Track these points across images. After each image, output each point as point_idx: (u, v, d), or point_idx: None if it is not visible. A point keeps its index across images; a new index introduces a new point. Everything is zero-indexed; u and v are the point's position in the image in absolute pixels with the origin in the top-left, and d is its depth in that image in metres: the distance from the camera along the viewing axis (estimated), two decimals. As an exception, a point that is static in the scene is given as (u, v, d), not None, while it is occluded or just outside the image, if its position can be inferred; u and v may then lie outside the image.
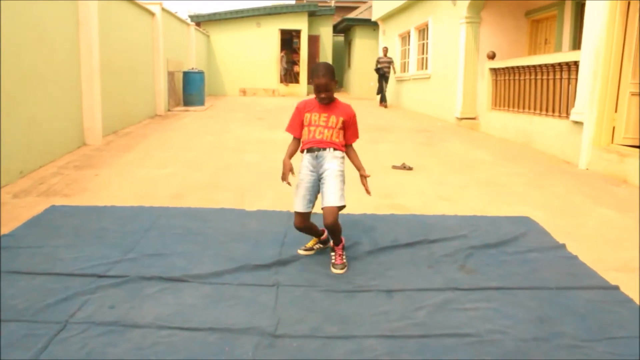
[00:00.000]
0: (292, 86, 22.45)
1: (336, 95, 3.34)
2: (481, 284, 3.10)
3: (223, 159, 6.81)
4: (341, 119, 3.25)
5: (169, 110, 12.81)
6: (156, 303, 2.76)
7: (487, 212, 4.59)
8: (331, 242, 3.32)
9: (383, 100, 16.68)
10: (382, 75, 16.68)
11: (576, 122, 7.06)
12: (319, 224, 3.39)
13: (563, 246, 3.74)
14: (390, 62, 16.62)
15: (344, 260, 3.27)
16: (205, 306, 2.75)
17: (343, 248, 3.31)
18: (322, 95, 3.15)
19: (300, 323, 2.58)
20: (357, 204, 4.67)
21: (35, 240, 3.60)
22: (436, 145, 8.49)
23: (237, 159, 6.79)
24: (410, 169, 6.36)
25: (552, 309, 2.81)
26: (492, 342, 2.46)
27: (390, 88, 17.55)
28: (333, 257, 3.27)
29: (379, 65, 16.66)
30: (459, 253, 3.55)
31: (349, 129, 3.32)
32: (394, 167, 6.43)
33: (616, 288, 3.06)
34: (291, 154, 3.35)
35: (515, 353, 2.37)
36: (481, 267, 3.35)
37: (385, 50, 16.82)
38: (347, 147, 3.37)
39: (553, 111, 7.91)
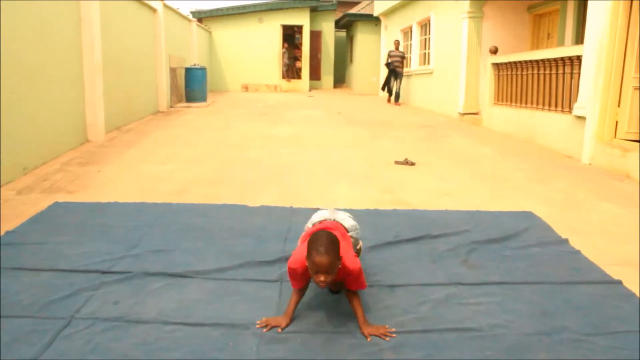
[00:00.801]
0: (294, 82, 22.44)
1: (337, 90, 3.20)
2: (484, 278, 3.10)
3: (225, 155, 6.82)
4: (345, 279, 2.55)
5: (171, 106, 12.82)
6: (160, 299, 2.78)
7: (489, 207, 4.59)
8: None
9: (395, 97, 15.61)
10: (393, 71, 15.63)
11: (579, 117, 7.04)
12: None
13: (566, 241, 3.74)
14: (403, 57, 15.60)
15: None
16: (209, 302, 2.76)
17: None
18: (322, 279, 2.27)
19: (304, 318, 2.59)
20: (359, 200, 4.68)
21: (39, 236, 3.61)
22: (439, 141, 8.48)
23: (240, 155, 6.80)
24: (412, 164, 6.36)
25: (554, 303, 2.81)
26: (494, 336, 2.46)
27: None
28: None
29: (389, 60, 15.63)
30: (461, 248, 3.55)
31: (351, 282, 2.51)
32: (397, 162, 6.44)
33: (619, 282, 3.07)
34: (295, 304, 2.58)
35: (518, 347, 2.38)
36: (484, 262, 3.36)
37: (397, 43, 16.00)
38: (347, 292, 2.57)
39: (556, 106, 7.90)
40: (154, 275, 3.04)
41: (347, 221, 2.91)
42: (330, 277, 2.27)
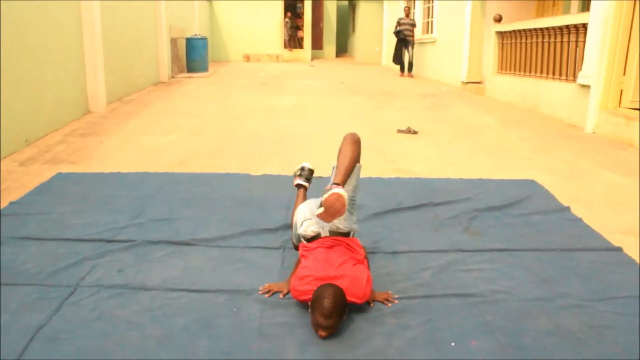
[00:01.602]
0: (296, 52, 22.23)
1: (340, 59, 3.13)
2: (485, 245, 3.12)
3: (228, 125, 6.80)
4: None
5: (172, 77, 12.74)
6: (164, 266, 2.81)
7: (492, 176, 4.58)
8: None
9: (405, 68, 14.54)
10: (403, 40, 14.41)
11: (583, 86, 6.98)
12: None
13: (568, 209, 3.74)
14: (413, 25, 14.45)
15: None
16: (212, 269, 2.79)
17: None
18: (322, 334, 2.18)
19: (306, 284, 2.61)
20: (361, 169, 4.66)
21: (43, 207, 3.63)
22: (442, 110, 8.44)
23: (242, 126, 6.78)
24: (415, 132, 6.34)
25: (555, 270, 2.83)
26: (495, 302, 2.49)
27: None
28: None
29: (399, 28, 14.32)
30: (463, 216, 3.56)
31: None
32: (399, 131, 6.42)
33: (619, 249, 3.08)
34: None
35: (519, 313, 2.40)
36: (485, 229, 3.37)
37: (407, 10, 14.95)
38: None
39: (560, 74, 7.83)
40: (158, 244, 3.06)
41: (343, 223, 2.62)
42: (332, 332, 2.19)
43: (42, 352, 2.06)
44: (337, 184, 2.47)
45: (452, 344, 2.16)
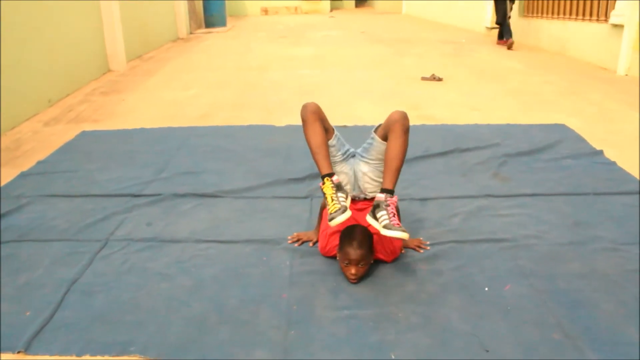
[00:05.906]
0: (315, 3, 21.71)
1: (359, 10, 2.91)
2: (515, 190, 3.06)
3: (248, 77, 6.73)
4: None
5: (190, 33, 12.60)
6: (191, 219, 2.81)
7: (519, 121, 4.46)
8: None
9: (505, 34, 8.96)
10: None
11: (616, 25, 6.69)
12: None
13: (600, 152, 3.64)
14: None
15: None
16: (239, 220, 2.79)
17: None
18: (353, 272, 2.14)
19: (336, 233, 2.59)
20: (384, 117, 4.59)
21: (69, 165, 3.65)
22: (465, 56, 8.21)
23: (263, 77, 6.71)
24: (440, 79, 6.19)
25: (588, 214, 2.77)
26: (527, 246, 2.45)
27: None
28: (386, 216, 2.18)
29: None
30: (492, 161, 3.49)
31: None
32: (423, 78, 6.27)
33: (655, 192, 2.99)
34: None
35: (551, 256, 2.36)
36: (515, 174, 3.30)
37: None
38: None
39: (590, 15, 7.50)
40: (184, 197, 3.07)
41: (374, 192, 2.44)
42: (362, 270, 2.16)
43: (77, 305, 2.09)
44: (388, 191, 2.27)
45: (486, 288, 2.13)
